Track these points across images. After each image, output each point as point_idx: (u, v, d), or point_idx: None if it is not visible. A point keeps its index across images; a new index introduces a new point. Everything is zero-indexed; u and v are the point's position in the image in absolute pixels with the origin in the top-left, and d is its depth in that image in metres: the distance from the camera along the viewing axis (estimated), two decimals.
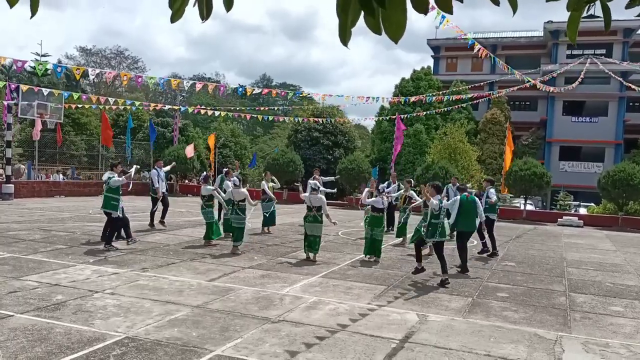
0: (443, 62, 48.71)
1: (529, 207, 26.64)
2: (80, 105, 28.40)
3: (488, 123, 39.50)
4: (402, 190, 13.82)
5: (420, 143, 36.58)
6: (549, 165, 38.98)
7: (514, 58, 46.47)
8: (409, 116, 35.77)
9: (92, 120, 35.73)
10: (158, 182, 14.16)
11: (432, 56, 49.55)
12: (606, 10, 1.95)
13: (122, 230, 11.32)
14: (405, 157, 36.90)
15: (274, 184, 15.25)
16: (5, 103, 22.38)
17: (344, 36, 1.85)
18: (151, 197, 14.44)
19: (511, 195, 28.77)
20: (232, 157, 39.96)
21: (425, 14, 1.86)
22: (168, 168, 15.69)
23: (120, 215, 10.94)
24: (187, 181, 33.58)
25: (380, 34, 1.80)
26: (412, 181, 13.91)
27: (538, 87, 21.97)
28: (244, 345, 5.34)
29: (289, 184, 30.67)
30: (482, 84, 38.80)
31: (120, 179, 10.89)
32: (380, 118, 36.45)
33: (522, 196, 26.53)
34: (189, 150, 25.81)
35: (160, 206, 14.26)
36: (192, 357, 4.94)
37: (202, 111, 27.75)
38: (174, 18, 2.17)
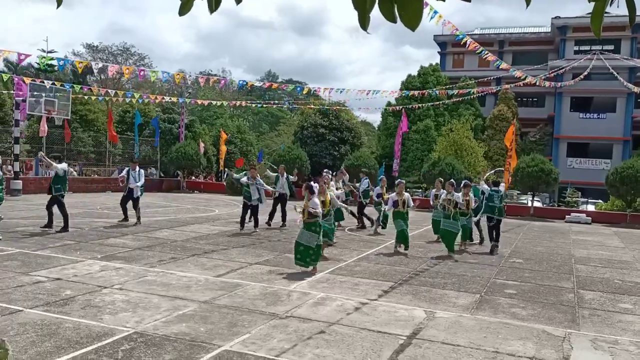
0: (450, 58, 48.51)
1: (537, 204, 26.51)
2: (86, 96, 28.46)
3: (495, 119, 39.32)
4: (444, 194, 12.02)
5: (429, 139, 36.48)
6: (557, 161, 38.82)
7: (521, 54, 46.25)
8: (415, 110, 35.61)
9: (100, 117, 35.85)
10: (129, 180, 14.02)
11: (438, 52, 49.33)
12: (631, 5, 1.91)
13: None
14: (413, 154, 36.82)
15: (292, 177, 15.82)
16: (14, 97, 22.51)
17: (364, 22, 1.82)
18: None
19: (518, 192, 28.66)
20: (237, 154, 40.00)
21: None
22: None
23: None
24: (193, 177, 33.67)
25: (395, 21, 1.77)
26: (455, 183, 12.14)
27: (537, 83, 21.80)
28: (252, 340, 5.35)
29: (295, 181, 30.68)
30: (487, 79, 38.52)
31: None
32: (386, 108, 36.22)
33: (529, 193, 26.42)
34: (201, 147, 26.80)
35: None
36: (201, 352, 4.96)
37: (206, 102, 27.77)
38: (182, 10, 2.14)
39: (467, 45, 17.17)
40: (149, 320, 5.82)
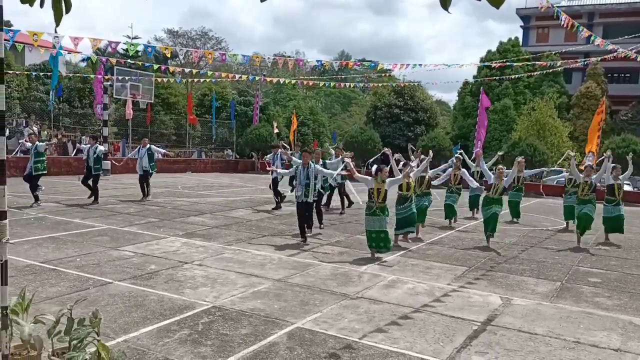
0: (533, 32, 45.91)
1: (626, 188, 24.72)
2: (166, 79, 29.71)
3: (582, 97, 36.88)
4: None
5: (508, 119, 34.93)
6: None
7: (612, 26, 42.86)
8: (493, 89, 34.06)
9: (180, 100, 37.44)
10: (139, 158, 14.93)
11: (521, 26, 46.86)
12: None
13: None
14: (491, 134, 35.40)
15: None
16: (100, 82, 23.98)
17: (445, 2, 1.76)
18: None
19: None
20: (310, 135, 40.38)
21: None
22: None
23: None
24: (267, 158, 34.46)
25: None
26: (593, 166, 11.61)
27: (634, 57, 19.91)
28: (323, 319, 5.45)
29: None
30: (575, 54, 36.06)
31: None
32: (467, 82, 34.78)
33: None
34: (276, 127, 27.63)
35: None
36: (275, 328, 5.12)
37: (275, 80, 28.18)
38: None
39: (562, 23, 15.83)
40: (226, 296, 6.09)
